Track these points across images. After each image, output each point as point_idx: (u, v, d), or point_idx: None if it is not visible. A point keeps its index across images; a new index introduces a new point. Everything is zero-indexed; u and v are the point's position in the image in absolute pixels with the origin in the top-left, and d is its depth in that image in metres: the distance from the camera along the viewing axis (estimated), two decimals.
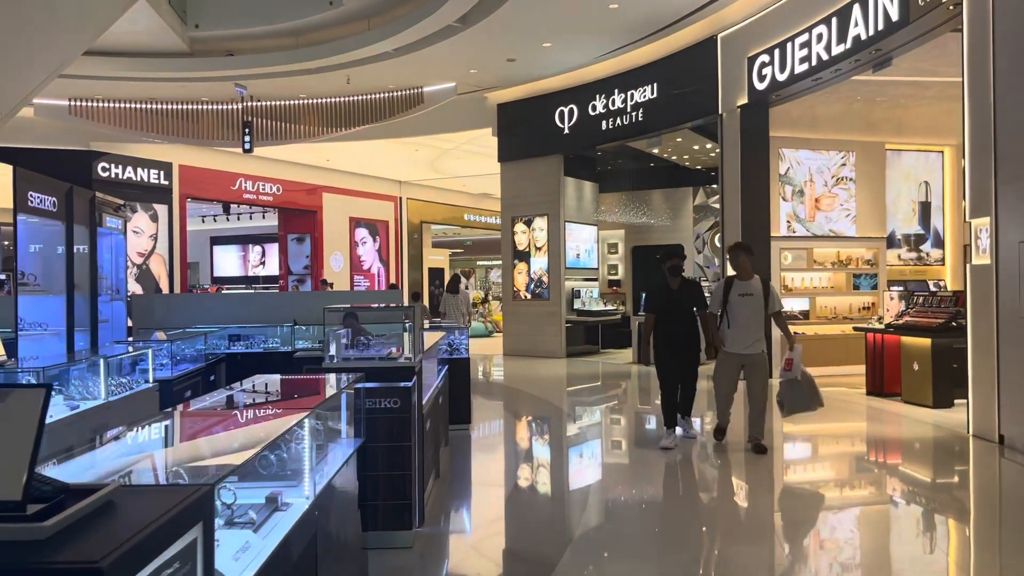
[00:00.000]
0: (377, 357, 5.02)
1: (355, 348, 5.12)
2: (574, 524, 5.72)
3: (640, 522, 5.71)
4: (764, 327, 7.68)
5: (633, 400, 12.20)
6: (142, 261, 18.72)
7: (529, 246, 16.86)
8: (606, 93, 15.25)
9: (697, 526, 5.69)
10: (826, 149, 13.06)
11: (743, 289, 7.52)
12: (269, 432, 3.01)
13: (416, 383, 5.13)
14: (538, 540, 5.44)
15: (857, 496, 6.69)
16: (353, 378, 4.27)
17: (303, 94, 16.91)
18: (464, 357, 8.73)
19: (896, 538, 5.53)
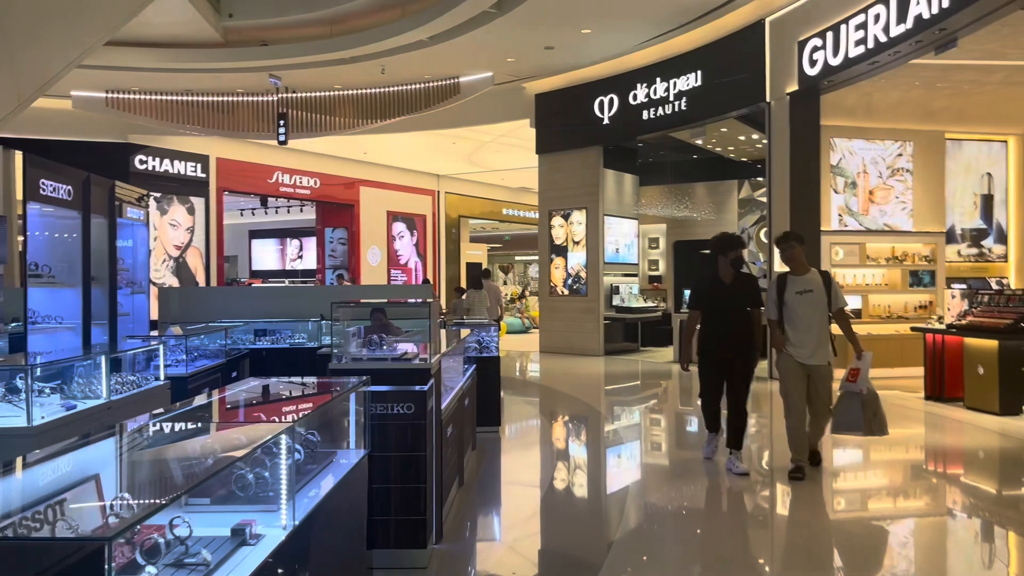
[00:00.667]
0: (390, 358, 4.54)
1: (369, 347, 4.64)
2: (610, 540, 5.18)
3: (684, 542, 5.15)
4: (828, 330, 6.48)
5: (674, 401, 11.59)
6: (179, 254, 18.57)
7: (567, 240, 16.30)
8: (647, 82, 14.61)
9: (746, 547, 5.12)
10: (881, 138, 12.28)
11: (800, 285, 6.43)
12: (234, 449, 2.54)
13: (433, 386, 4.64)
14: (569, 559, 4.92)
15: (914, 508, 6.06)
16: (359, 381, 3.79)
17: (338, 85, 16.56)
18: (494, 355, 8.24)
19: (957, 558, 4.90)
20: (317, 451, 3.47)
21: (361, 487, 3.73)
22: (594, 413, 10.35)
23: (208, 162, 19.14)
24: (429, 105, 16.35)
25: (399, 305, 6.68)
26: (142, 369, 7.01)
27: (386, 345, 4.73)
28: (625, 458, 7.93)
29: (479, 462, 7.10)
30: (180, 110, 16.72)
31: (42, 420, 4.68)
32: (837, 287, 6.61)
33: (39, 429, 4.52)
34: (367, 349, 4.63)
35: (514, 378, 13.55)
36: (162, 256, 18.19)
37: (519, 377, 14.01)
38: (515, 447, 8.06)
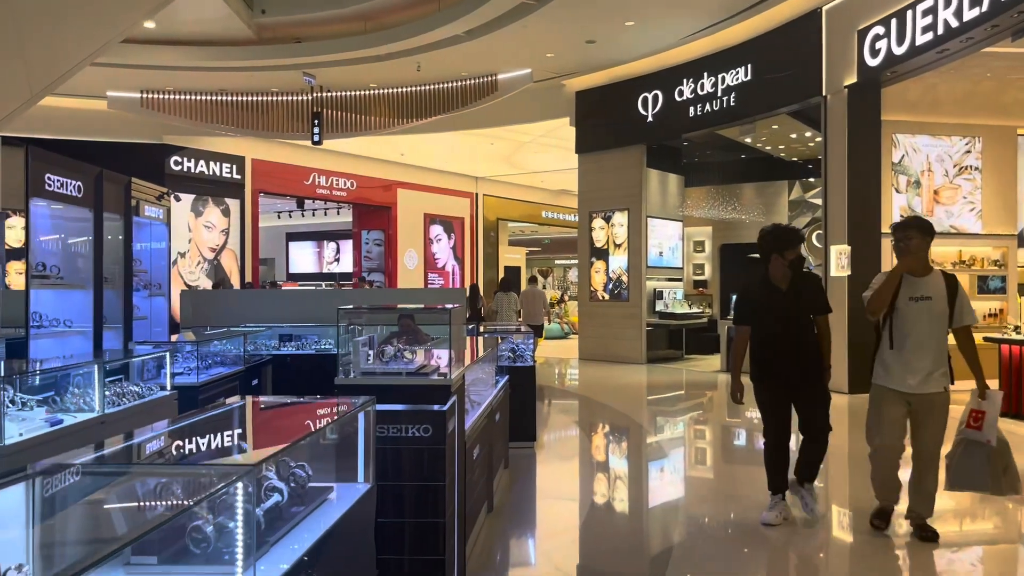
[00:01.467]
0: (404, 372, 3.93)
1: (382, 359, 4.05)
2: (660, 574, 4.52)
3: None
4: (947, 350, 5.05)
5: (721, 412, 10.84)
6: (214, 256, 18.28)
7: (608, 243, 15.61)
8: (694, 77, 13.87)
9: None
10: (948, 134, 11.40)
11: (917, 290, 4.81)
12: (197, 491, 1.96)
13: (455, 405, 4.03)
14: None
15: (983, 534, 5.26)
16: (362, 403, 3.19)
17: (373, 84, 16.10)
18: (529, 365, 7.61)
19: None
20: (309, 488, 2.88)
21: (364, 529, 3.13)
22: (636, 426, 9.65)
23: (243, 163, 18.84)
24: (466, 104, 15.80)
25: (418, 311, 6.07)
26: (152, 377, 6.53)
27: (404, 356, 4.12)
28: (671, 478, 7.24)
29: (511, 482, 6.47)
30: (214, 110, 16.41)
31: (19, 438, 4.17)
32: (965, 297, 5.00)
33: (12, 449, 4.01)
34: (379, 362, 4.02)
35: (551, 387, 12.90)
36: (197, 258, 17.91)
37: (557, 386, 13.35)
38: (551, 465, 7.41)
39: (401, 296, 11.19)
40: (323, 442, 3.11)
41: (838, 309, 11.20)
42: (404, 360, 4.09)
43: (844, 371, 11.03)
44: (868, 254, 11.06)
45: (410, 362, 4.11)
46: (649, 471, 7.57)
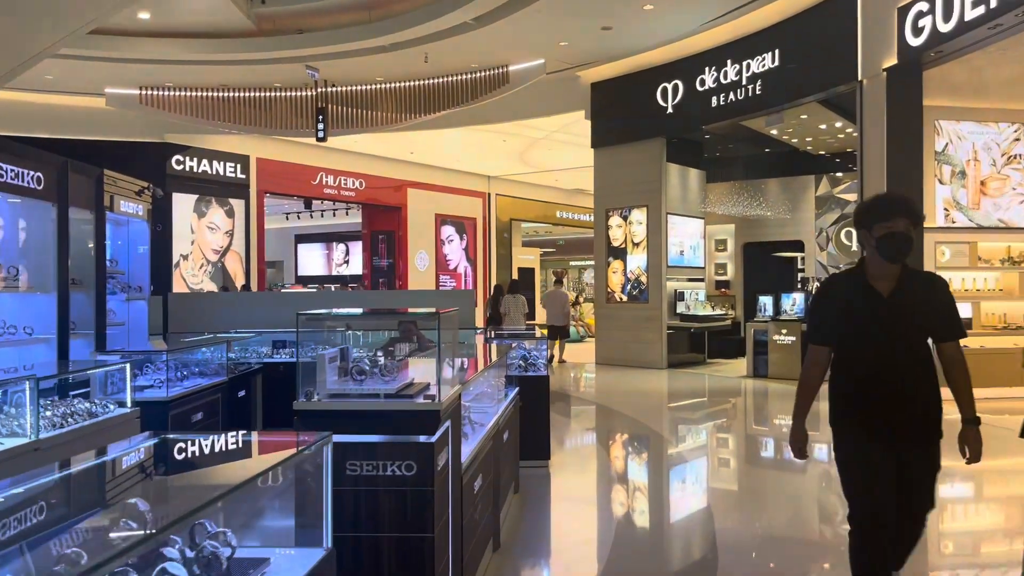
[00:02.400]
0: (383, 393, 3.11)
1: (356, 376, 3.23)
2: None
3: None
4: None
5: (747, 421, 9.95)
6: (217, 258, 17.57)
7: (626, 242, 14.75)
8: (717, 64, 12.99)
9: None
10: (996, 121, 10.47)
11: None
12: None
13: (447, 433, 3.21)
14: None
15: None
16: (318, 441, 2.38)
17: (379, 77, 15.33)
18: (541, 375, 6.78)
19: None
20: (235, 561, 2.07)
21: None
22: (658, 439, 8.78)
23: (248, 163, 18.13)
24: (476, 97, 14.99)
25: (393, 315, 5.26)
26: (118, 392, 5.75)
27: (386, 372, 3.30)
28: (701, 503, 6.38)
29: (521, 511, 5.63)
30: (216, 106, 15.70)
31: None
32: None
33: None
34: (353, 379, 3.21)
35: (567, 395, 12.07)
36: (200, 261, 17.21)
37: (572, 393, 12.50)
38: (568, 489, 6.57)
39: (403, 299, 10.39)
40: (259, 495, 2.30)
41: None
42: (385, 377, 3.27)
43: None
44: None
45: (392, 379, 3.28)
46: (676, 494, 6.72)
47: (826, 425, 3.39)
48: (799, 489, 6.69)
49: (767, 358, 12.66)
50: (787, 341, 12.49)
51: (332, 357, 3.22)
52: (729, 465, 7.71)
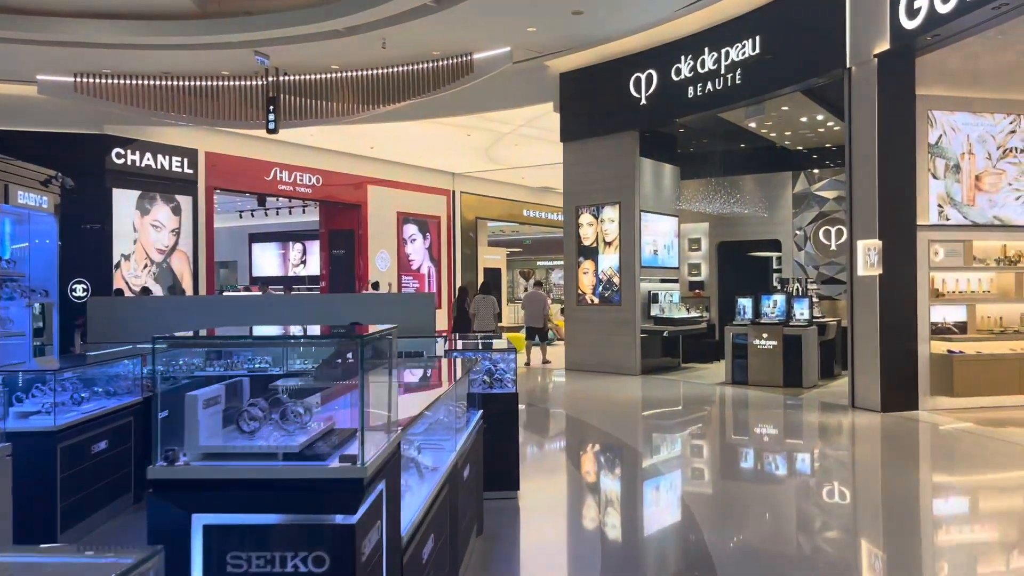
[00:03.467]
0: (281, 452, 2.16)
1: (245, 424, 2.27)
2: None
3: None
4: None
5: (736, 440, 9.13)
6: (163, 258, 16.37)
7: (597, 240, 13.89)
8: (694, 52, 12.18)
9: None
10: (991, 111, 9.78)
11: None
12: None
13: (381, 502, 2.27)
14: None
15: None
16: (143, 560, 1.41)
17: (334, 65, 14.29)
18: (509, 391, 5.85)
19: None
20: None
21: None
22: (635, 457, 7.90)
23: (196, 157, 16.94)
24: (438, 87, 14.01)
25: (287, 341, 4.28)
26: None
27: (290, 418, 2.34)
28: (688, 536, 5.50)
29: (486, 559, 4.70)
30: (158, 95, 14.51)
31: None
32: None
33: None
34: (242, 430, 2.25)
35: (535, 407, 11.17)
36: (143, 261, 16.01)
37: (541, 405, 11.61)
38: (540, 526, 5.64)
39: (354, 304, 9.39)
40: None
41: (869, 313, 9.62)
42: (290, 425, 2.31)
43: (876, 386, 9.39)
44: (903, 249, 9.42)
45: (300, 427, 2.33)
46: (660, 526, 5.84)
47: (810, 435, 2.52)
48: (797, 517, 5.86)
49: (746, 364, 11.89)
50: (768, 346, 11.72)
51: (210, 399, 2.26)
52: (720, 497, 6.85)
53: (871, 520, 5.80)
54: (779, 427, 9.28)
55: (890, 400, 9.33)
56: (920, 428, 8.77)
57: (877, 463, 7.68)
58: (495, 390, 5.85)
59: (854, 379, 9.79)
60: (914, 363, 9.45)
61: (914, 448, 8.32)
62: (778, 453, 8.07)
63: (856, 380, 9.76)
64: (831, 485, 6.87)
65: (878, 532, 5.55)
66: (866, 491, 6.70)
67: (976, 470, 7.29)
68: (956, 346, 9.42)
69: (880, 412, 9.28)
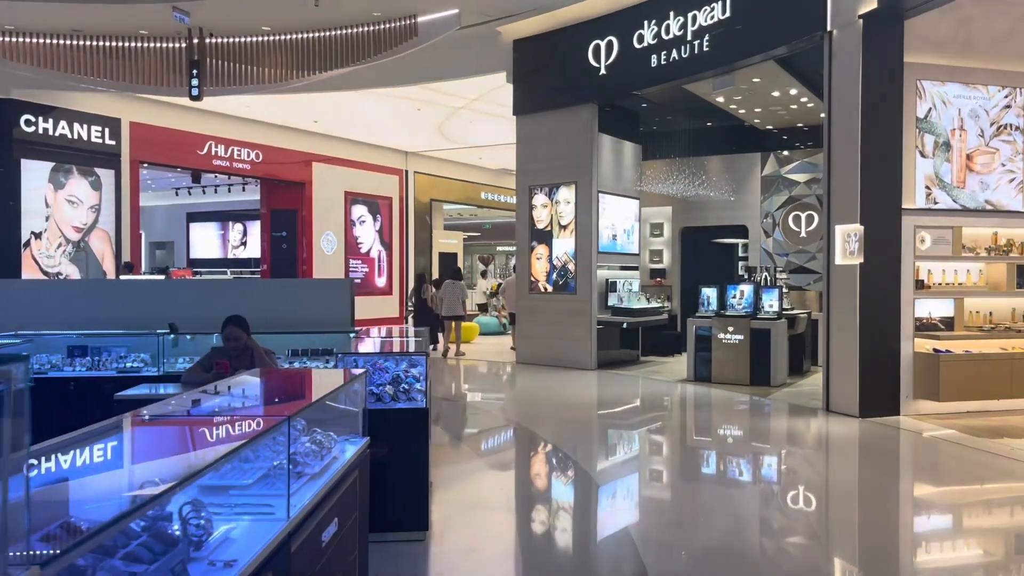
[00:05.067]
0: None
1: None
2: None
3: None
4: None
5: (691, 451, 7.98)
6: (80, 237, 14.80)
7: (551, 223, 12.65)
8: (657, 17, 10.95)
9: None
10: (984, 83, 8.69)
11: None
12: None
13: None
14: None
15: None
16: None
17: (265, 26, 12.82)
18: (418, 407, 4.59)
19: None
20: None
21: None
22: (587, 482, 6.69)
23: (119, 127, 15.34)
24: (380, 52, 12.62)
25: None
26: None
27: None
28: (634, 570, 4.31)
29: None
30: (68, 56, 12.91)
31: None
32: None
33: None
34: None
35: (472, 409, 9.93)
36: (57, 240, 14.43)
37: (480, 405, 10.37)
38: (455, 573, 4.40)
39: (257, 292, 8.01)
40: None
41: (847, 306, 8.52)
42: None
43: (854, 388, 8.30)
44: (887, 235, 8.32)
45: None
46: (603, 563, 4.63)
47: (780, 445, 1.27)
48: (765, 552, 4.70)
49: (710, 359, 10.77)
50: (734, 340, 10.61)
51: None
52: (677, 539, 5.67)
53: (847, 552, 4.66)
54: (745, 438, 8.13)
55: (869, 404, 8.26)
56: (903, 437, 7.70)
57: (855, 482, 6.56)
58: (400, 404, 4.60)
59: (829, 379, 8.70)
60: (896, 363, 8.38)
61: (897, 463, 7.24)
62: (744, 473, 6.92)
63: (832, 381, 8.67)
64: (804, 508, 5.73)
65: (854, 564, 4.42)
66: (843, 518, 5.57)
67: (968, 491, 6.20)
68: (942, 344, 8.36)
69: (858, 418, 8.20)
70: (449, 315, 14.33)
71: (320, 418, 3.36)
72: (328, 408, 3.48)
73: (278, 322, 7.02)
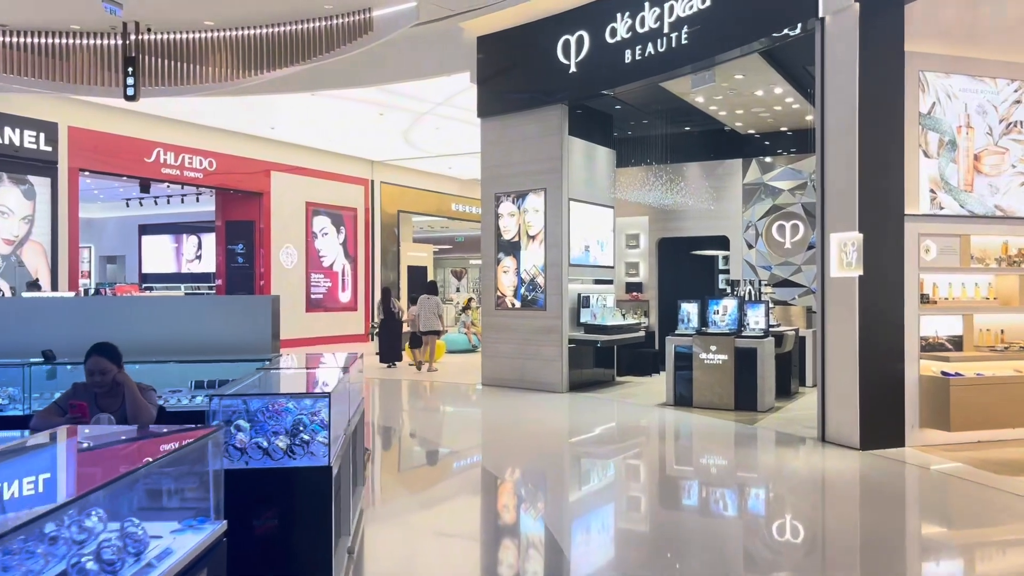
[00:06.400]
0: None
1: None
2: None
3: None
4: None
5: (670, 496, 6.91)
6: (11, 250, 13.54)
7: (519, 234, 11.59)
8: (631, 8, 9.97)
9: None
10: (992, 75, 7.76)
11: None
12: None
13: None
14: None
15: None
16: None
17: (208, 21, 11.71)
18: (319, 464, 3.49)
19: None
20: None
21: None
22: (553, 549, 5.59)
23: (56, 132, 14.12)
24: (333, 48, 11.56)
25: None
26: None
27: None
28: None
29: None
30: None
31: None
32: None
33: None
34: None
35: (423, 443, 8.81)
36: None
37: (433, 438, 9.26)
38: None
39: (173, 309, 6.83)
40: None
41: (845, 324, 7.53)
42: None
43: (854, 416, 7.29)
44: (888, 244, 7.34)
45: None
46: None
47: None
48: None
49: (691, 381, 9.74)
50: (717, 360, 9.58)
51: None
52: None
53: None
54: (732, 477, 7.06)
55: (871, 435, 7.24)
56: (912, 475, 6.68)
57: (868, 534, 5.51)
58: (297, 461, 3.49)
59: (824, 406, 7.68)
60: (900, 388, 7.37)
61: (916, 509, 6.21)
62: (732, 522, 5.86)
63: (828, 408, 7.64)
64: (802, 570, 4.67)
65: None
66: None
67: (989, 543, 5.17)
68: (952, 367, 7.37)
69: (859, 450, 7.18)
70: (426, 330, 13.74)
71: (133, 500, 2.25)
72: (149, 486, 2.38)
73: (186, 347, 5.91)
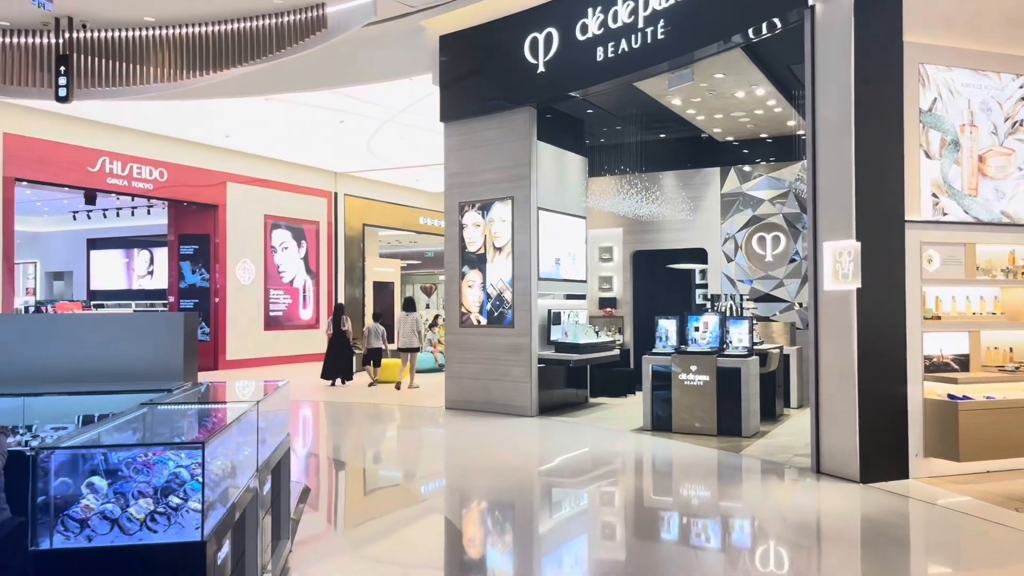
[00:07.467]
0: None
1: None
2: None
3: None
4: None
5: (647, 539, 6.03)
6: None
7: (485, 246, 10.72)
8: (603, 3, 9.20)
9: None
10: (996, 70, 7.06)
11: None
12: None
13: None
14: None
15: None
16: None
17: (149, 17, 10.77)
18: (190, 540, 2.57)
19: None
20: None
21: None
22: None
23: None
24: (284, 47, 10.67)
25: None
26: None
27: None
28: None
29: None
30: None
31: None
32: None
33: None
34: None
35: (375, 480, 7.86)
36: None
37: (386, 475, 8.31)
38: None
39: (62, 329, 5.85)
40: None
41: (841, 342, 6.71)
42: None
43: (853, 445, 6.48)
44: (888, 253, 6.58)
45: None
46: None
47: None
48: None
49: (670, 404, 8.90)
50: (697, 381, 8.76)
51: None
52: None
53: None
54: (719, 518, 6.19)
55: (871, 465, 6.43)
56: (919, 511, 5.87)
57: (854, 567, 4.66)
58: (158, 536, 2.56)
59: (819, 434, 6.87)
60: (903, 413, 6.58)
61: (920, 553, 5.38)
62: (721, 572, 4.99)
63: (822, 435, 6.83)
64: None
65: None
66: None
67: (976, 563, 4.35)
68: (959, 389, 6.60)
69: (859, 483, 6.37)
70: (405, 347, 13.39)
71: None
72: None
73: (85, 373, 4.96)
